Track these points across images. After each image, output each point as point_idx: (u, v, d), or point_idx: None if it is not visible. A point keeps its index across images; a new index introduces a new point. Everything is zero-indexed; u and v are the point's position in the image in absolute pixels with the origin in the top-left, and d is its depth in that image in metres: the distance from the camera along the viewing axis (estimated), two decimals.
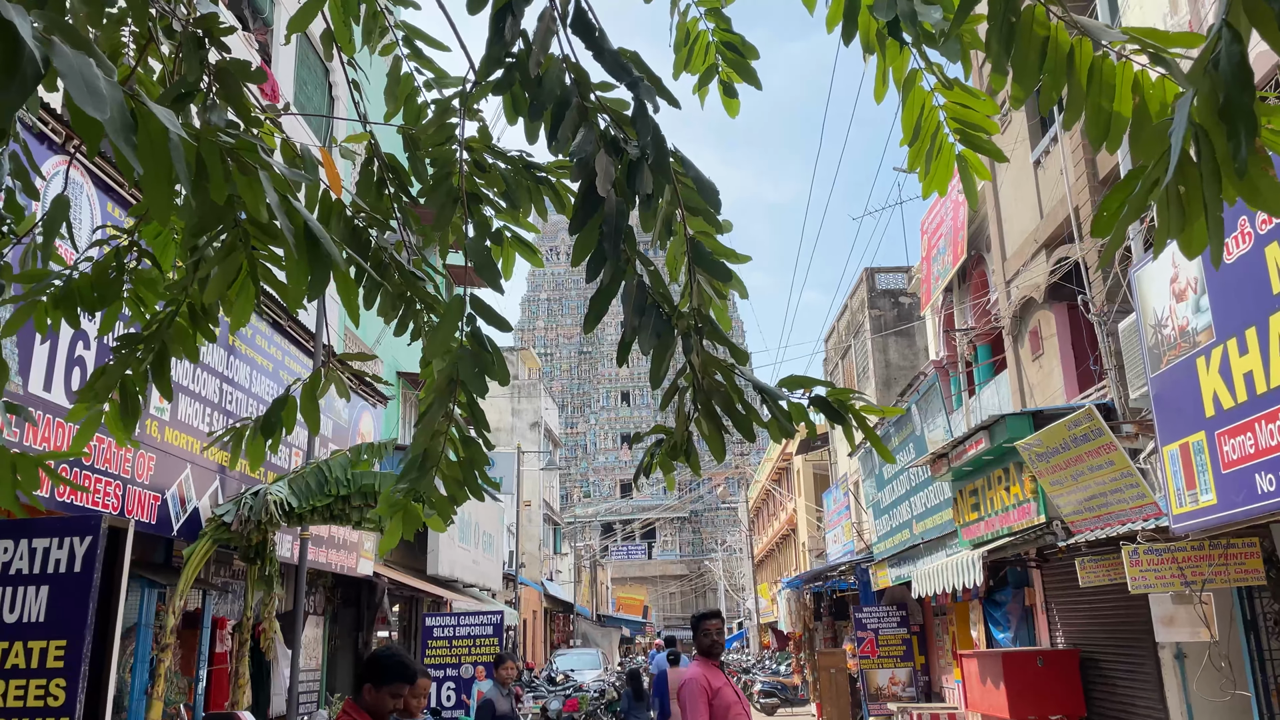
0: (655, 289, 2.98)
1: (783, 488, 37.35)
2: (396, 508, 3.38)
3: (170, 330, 3.46)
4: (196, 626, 9.20)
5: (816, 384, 3.02)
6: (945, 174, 3.24)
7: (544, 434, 38.21)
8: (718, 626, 5.38)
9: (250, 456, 3.57)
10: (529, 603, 32.11)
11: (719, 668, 5.36)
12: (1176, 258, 6.47)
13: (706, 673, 5.18)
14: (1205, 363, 6.14)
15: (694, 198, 3.06)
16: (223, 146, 2.01)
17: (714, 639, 5.34)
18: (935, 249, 16.78)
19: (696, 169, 2.81)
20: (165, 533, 7.88)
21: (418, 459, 3.20)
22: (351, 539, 12.06)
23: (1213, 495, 6.13)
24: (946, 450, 11.39)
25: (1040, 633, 11.83)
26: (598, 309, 2.89)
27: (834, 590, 21.99)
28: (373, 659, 3.67)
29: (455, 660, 11.59)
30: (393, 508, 3.37)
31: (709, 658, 5.33)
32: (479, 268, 3.09)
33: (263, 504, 7.91)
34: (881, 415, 3.23)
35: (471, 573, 18.06)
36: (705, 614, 5.45)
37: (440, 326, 3.12)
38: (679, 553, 78.14)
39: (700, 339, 2.92)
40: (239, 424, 3.54)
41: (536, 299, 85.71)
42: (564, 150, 2.92)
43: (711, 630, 5.34)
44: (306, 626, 12.58)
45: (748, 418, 3.00)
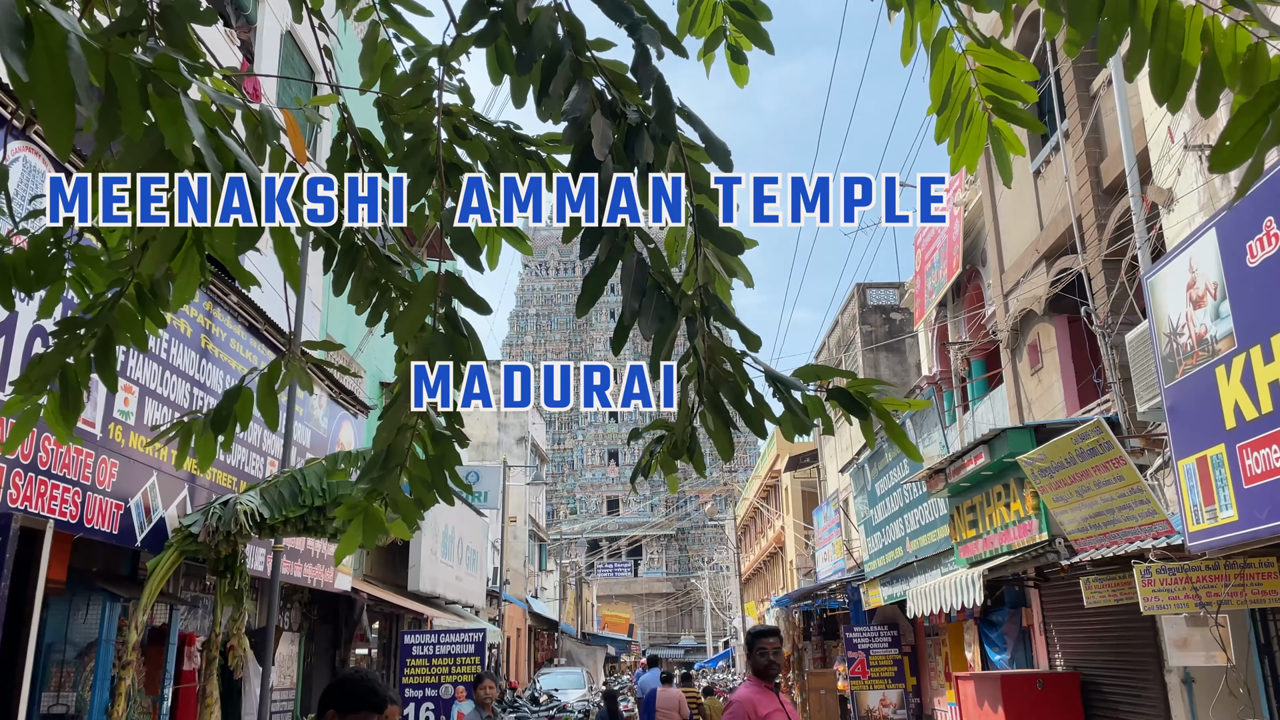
0: (656, 268, 2.64)
1: (771, 505, 36.98)
2: (356, 510, 3.03)
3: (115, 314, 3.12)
4: (163, 643, 8.80)
5: (836, 374, 2.69)
6: (977, 147, 2.93)
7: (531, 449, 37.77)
8: (774, 645, 4.85)
9: (200, 454, 3.21)
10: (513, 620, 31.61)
11: (773, 690, 4.83)
12: (1194, 261, 6.18)
13: (757, 696, 4.67)
14: (1226, 372, 5.84)
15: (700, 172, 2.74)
16: (140, 66, 1.66)
17: (770, 658, 4.82)
18: (929, 263, 16.52)
19: (705, 125, 2.48)
20: (128, 543, 7.48)
21: (380, 456, 2.85)
22: (328, 552, 11.64)
23: (1233, 511, 5.81)
24: (944, 466, 11.07)
25: (1038, 654, 11.50)
26: (592, 289, 2.56)
27: (824, 609, 21.63)
28: (338, 684, 3.27)
29: (435, 680, 11.16)
30: (352, 510, 3.02)
31: (763, 679, 4.81)
32: (457, 242, 2.75)
33: (232, 514, 7.52)
34: (908, 409, 2.90)
35: (454, 589, 17.62)
36: (762, 630, 4.93)
37: (411, 306, 2.78)
38: (665, 571, 77.61)
39: (707, 320, 2.59)
40: (186, 417, 3.17)
41: (525, 314, 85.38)
42: (555, 111, 2.59)
43: (768, 649, 4.82)
44: (281, 644, 12.14)
45: (759, 411, 2.67)
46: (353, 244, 3.25)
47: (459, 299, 2.81)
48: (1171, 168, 7.80)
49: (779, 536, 34.99)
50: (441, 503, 2.93)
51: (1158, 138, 8.18)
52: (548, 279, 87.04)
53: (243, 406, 3.19)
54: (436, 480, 2.94)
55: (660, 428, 2.96)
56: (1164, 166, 8.12)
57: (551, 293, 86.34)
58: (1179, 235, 7.63)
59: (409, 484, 3.00)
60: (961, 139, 2.88)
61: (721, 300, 2.62)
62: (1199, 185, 7.46)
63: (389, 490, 2.94)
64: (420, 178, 3.00)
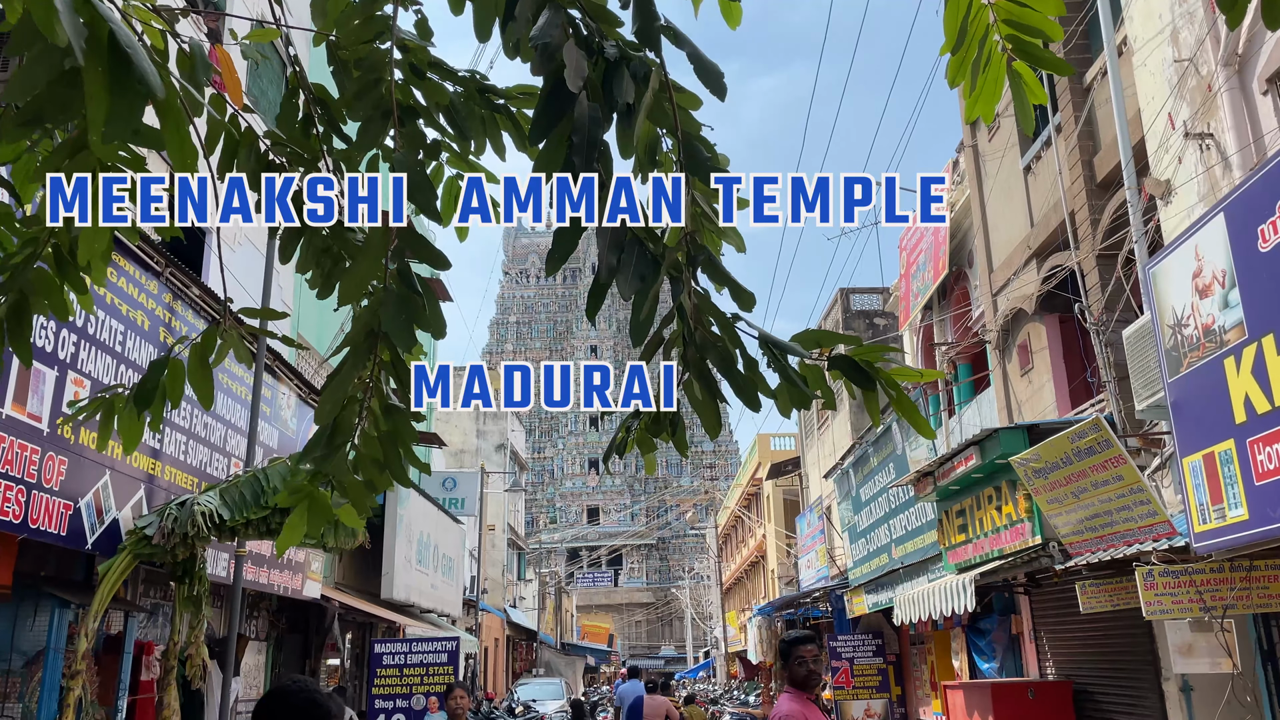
0: None
1: (752, 513, 36.68)
2: (299, 495, 2.68)
3: (29, 278, 2.77)
4: (118, 652, 8.38)
5: (840, 340, 2.36)
6: (994, 92, 2.61)
7: (510, 456, 37.32)
8: (813, 652, 4.26)
9: (124, 436, 2.85)
10: (491, 630, 31.12)
11: (815, 703, 4.28)
12: (1201, 249, 5.91)
13: (802, 710, 4.12)
14: (1235, 363, 5.56)
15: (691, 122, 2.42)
16: None
17: (810, 668, 4.23)
18: (915, 265, 16.28)
19: (694, 45, 2.15)
20: (78, 546, 7.08)
21: (325, 433, 2.50)
22: (297, 558, 11.23)
23: (1244, 510, 5.53)
24: (932, 468, 10.78)
25: (1028, 662, 11.21)
26: (565, 244, 2.21)
27: (807, 618, 21.31)
28: (274, 696, 2.79)
29: (406, 690, 10.75)
30: (294, 495, 2.66)
31: (804, 690, 4.23)
32: (412, 189, 2.41)
33: (189, 515, 7.13)
34: (921, 379, 2.58)
35: (429, 597, 17.19)
36: (799, 637, 4.33)
37: (359, 262, 2.44)
38: (646, 580, 77.15)
39: (694, 273, 2.25)
40: (106, 393, 2.81)
41: (505, 321, 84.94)
42: (522, 40, 2.25)
43: (807, 657, 4.23)
44: (248, 653, 11.71)
45: (752, 381, 2.33)
46: (301, 208, 2.92)
47: (414, 253, 2.48)
48: (1171, 156, 7.55)
49: (761, 545, 34.69)
50: (417, 509, 2.60)
51: (1156, 128, 7.93)
52: (528, 286, 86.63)
53: (173, 380, 2.84)
54: (389, 459, 2.59)
55: None
56: (1162, 157, 7.87)
57: (532, 300, 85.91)
58: (1177, 228, 7.38)
59: (359, 465, 2.66)
60: (978, 83, 2.57)
61: (710, 251, 2.29)
62: (1200, 173, 7.21)
63: (335, 472, 2.60)
64: (372, 122, 2.65)
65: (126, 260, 7.66)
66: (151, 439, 8.15)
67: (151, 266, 8.07)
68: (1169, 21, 7.79)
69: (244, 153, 2.95)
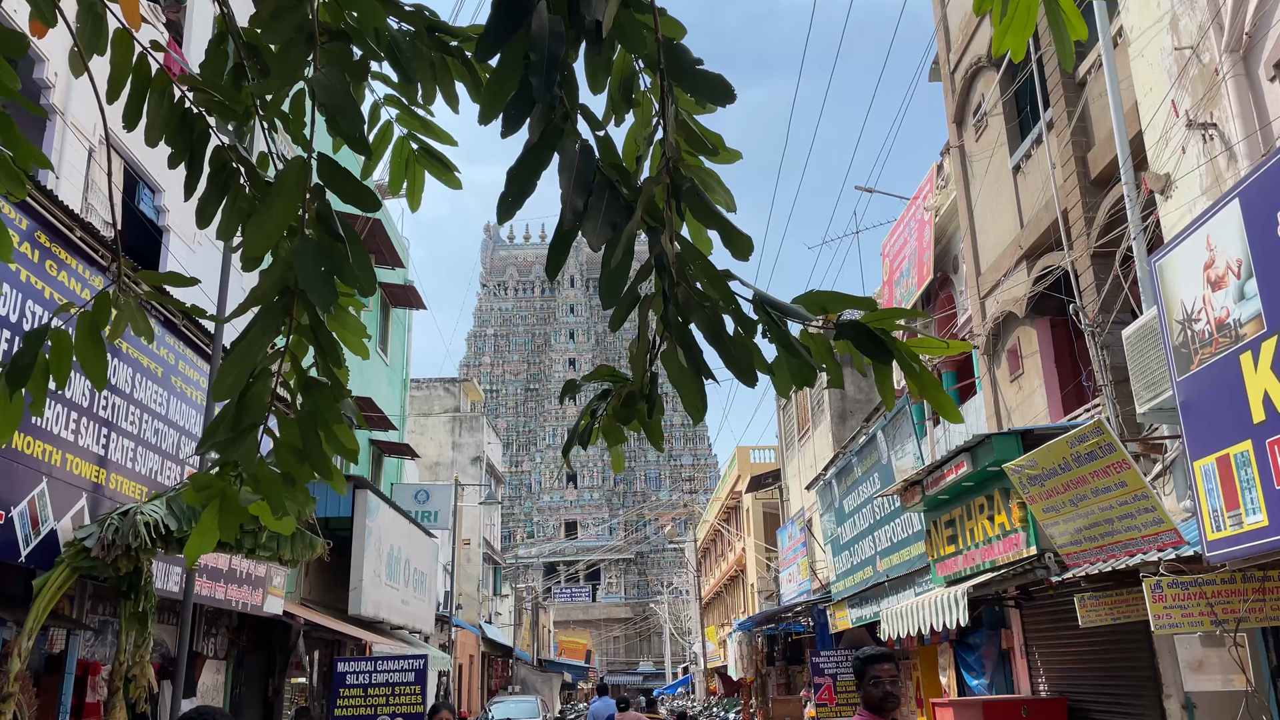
0: (606, 160, 1.87)
1: (732, 527, 36.25)
2: (209, 493, 2.23)
3: None
4: (59, 672, 7.85)
5: (850, 303, 1.94)
6: (1026, 23, 2.22)
7: (486, 469, 36.73)
8: (890, 672, 3.82)
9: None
10: (465, 646, 30.47)
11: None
12: (1213, 238, 5.55)
13: None
14: (1253, 358, 5.19)
15: (672, 24, 2.01)
16: None
17: (887, 688, 3.79)
18: (898, 272, 15.96)
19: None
20: (10, 558, 6.57)
21: (229, 413, 2.06)
22: (258, 573, 10.70)
23: (1263, 515, 5.15)
24: (920, 477, 10.39)
25: (1019, 679, 10.82)
26: (521, 181, 1.78)
27: (788, 633, 20.89)
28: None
29: (371, 712, 10.22)
30: (202, 491, 2.22)
31: (878, 713, 3.80)
32: (333, 110, 1.98)
33: (131, 525, 6.62)
34: (947, 351, 2.17)
35: (400, 613, 16.62)
36: (874, 655, 3.87)
37: (270, 203, 2.01)
38: (624, 595, 76.50)
39: (677, 211, 1.83)
40: None
41: (483, 334, 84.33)
42: None
43: (884, 676, 3.80)
44: (206, 672, 11.15)
45: (745, 348, 1.91)
46: (225, 165, 2.49)
47: (333, 191, 2.05)
48: (1174, 146, 7.22)
49: (740, 559, 34.26)
50: (388, 521, 2.17)
51: (1155, 120, 7.61)
52: (506, 299, 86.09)
53: (57, 355, 2.39)
54: (309, 446, 2.15)
55: (606, 377, 2.18)
56: (1162, 150, 7.55)
57: (510, 313, 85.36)
58: (1179, 222, 7.05)
59: (274, 453, 2.22)
60: (1009, 9, 2.18)
61: (696, 183, 1.87)
62: (1202, 165, 6.88)
63: (243, 461, 2.15)
64: (294, 47, 2.22)
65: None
66: (96, 445, 7.64)
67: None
68: (1168, 9, 7.48)
69: (155, 97, 2.52)
